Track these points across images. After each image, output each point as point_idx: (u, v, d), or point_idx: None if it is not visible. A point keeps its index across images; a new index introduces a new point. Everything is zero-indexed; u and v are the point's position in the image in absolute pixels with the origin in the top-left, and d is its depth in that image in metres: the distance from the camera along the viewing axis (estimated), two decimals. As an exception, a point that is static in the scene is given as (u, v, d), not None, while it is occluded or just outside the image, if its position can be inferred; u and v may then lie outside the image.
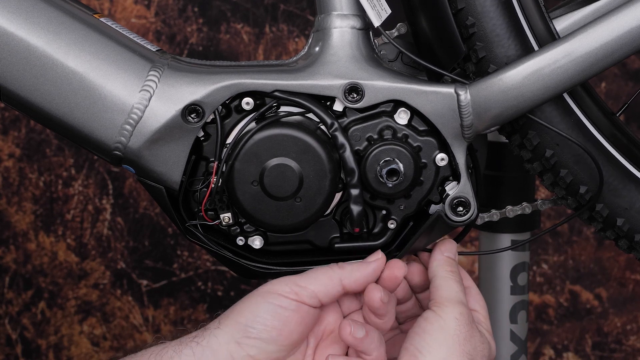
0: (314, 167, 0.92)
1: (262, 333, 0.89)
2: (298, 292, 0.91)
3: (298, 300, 0.90)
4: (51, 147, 1.73)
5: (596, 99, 0.98)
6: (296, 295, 0.90)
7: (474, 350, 0.89)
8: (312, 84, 0.93)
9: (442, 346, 0.88)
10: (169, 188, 0.94)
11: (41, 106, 0.92)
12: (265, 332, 0.89)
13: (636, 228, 0.98)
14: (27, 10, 0.91)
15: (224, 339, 0.89)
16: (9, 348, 1.78)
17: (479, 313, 0.95)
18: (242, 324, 0.89)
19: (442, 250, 0.96)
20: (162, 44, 1.72)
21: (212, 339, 0.89)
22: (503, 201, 1.22)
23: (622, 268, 1.79)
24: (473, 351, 0.89)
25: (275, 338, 0.89)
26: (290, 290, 0.90)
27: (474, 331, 0.90)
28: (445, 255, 0.95)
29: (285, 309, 0.90)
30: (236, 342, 0.89)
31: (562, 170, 0.96)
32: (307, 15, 1.72)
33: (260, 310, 0.90)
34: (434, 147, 0.95)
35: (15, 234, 1.75)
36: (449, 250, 0.96)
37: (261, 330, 0.89)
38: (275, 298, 0.90)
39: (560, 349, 1.81)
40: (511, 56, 0.93)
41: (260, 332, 0.89)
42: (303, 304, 0.91)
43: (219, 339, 0.89)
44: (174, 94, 0.93)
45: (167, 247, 1.77)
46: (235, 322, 0.90)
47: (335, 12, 0.95)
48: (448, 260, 0.95)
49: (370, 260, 0.93)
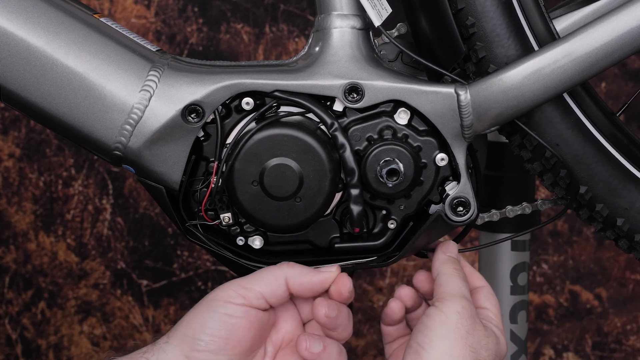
0: (314, 167, 0.92)
1: (210, 345, 0.88)
2: (244, 294, 0.89)
3: (245, 304, 0.89)
4: (51, 147, 1.73)
5: (596, 99, 0.98)
6: (243, 298, 0.89)
7: (477, 343, 0.89)
8: (312, 84, 0.93)
9: (443, 340, 0.88)
10: (169, 188, 0.94)
11: (41, 106, 0.92)
12: (213, 343, 0.88)
13: (636, 228, 0.98)
14: (27, 11, 0.91)
15: (172, 354, 0.88)
16: (9, 348, 1.78)
17: (490, 311, 0.94)
18: (190, 337, 0.88)
19: (444, 250, 0.96)
20: (162, 44, 1.72)
21: (161, 354, 0.88)
22: (503, 201, 1.22)
23: (622, 268, 1.79)
24: (476, 344, 0.89)
25: (224, 347, 0.88)
26: (236, 295, 0.89)
27: (477, 325, 0.90)
28: (447, 255, 0.96)
29: (231, 317, 0.89)
30: (185, 357, 0.88)
31: (562, 170, 0.96)
32: (307, 15, 1.72)
33: (207, 321, 0.88)
34: (434, 147, 0.95)
35: (15, 234, 1.75)
36: (451, 250, 0.96)
37: (209, 342, 0.88)
38: (221, 306, 0.89)
39: (560, 349, 1.81)
40: (511, 56, 0.93)
41: (209, 344, 0.88)
42: (250, 307, 0.89)
43: (167, 354, 0.88)
44: (174, 94, 0.92)
45: (167, 247, 1.77)
46: (183, 336, 0.88)
47: (335, 12, 0.95)
48: (451, 258, 0.95)
49: (323, 270, 0.93)
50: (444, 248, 0.96)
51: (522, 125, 0.94)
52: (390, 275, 1.78)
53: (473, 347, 0.88)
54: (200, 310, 0.89)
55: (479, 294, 0.95)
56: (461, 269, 0.95)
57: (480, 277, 0.97)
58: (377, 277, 1.77)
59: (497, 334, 0.92)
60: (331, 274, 0.92)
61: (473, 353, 0.88)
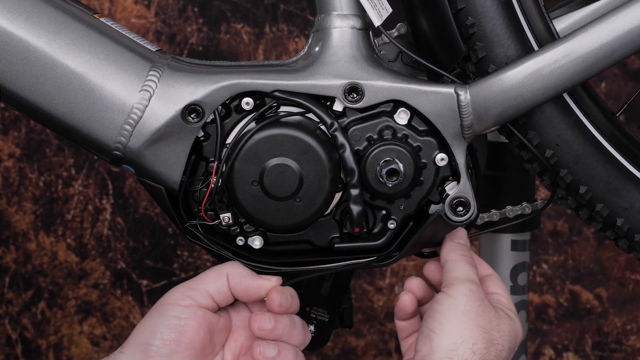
0: (314, 167, 0.92)
1: (161, 349, 0.89)
2: (190, 295, 0.90)
3: (192, 304, 0.90)
4: (51, 147, 1.73)
5: (596, 99, 0.98)
6: (189, 299, 0.90)
7: (488, 324, 0.89)
8: (312, 84, 0.93)
9: (453, 322, 0.88)
10: (169, 188, 0.94)
11: (41, 106, 0.92)
12: (164, 347, 0.89)
13: (636, 228, 0.98)
14: (27, 10, 0.91)
15: None
16: (9, 348, 1.78)
17: (500, 295, 0.95)
18: (142, 344, 0.89)
19: (452, 237, 0.97)
20: (162, 44, 1.72)
21: None
22: (503, 201, 1.22)
23: (622, 268, 1.79)
24: (487, 325, 0.89)
25: (176, 349, 0.89)
26: (182, 296, 0.90)
27: (486, 307, 0.90)
28: (455, 242, 0.96)
29: (179, 318, 0.90)
30: None
31: (562, 170, 0.96)
32: (307, 15, 1.72)
33: (156, 326, 0.89)
34: (434, 147, 0.95)
35: (15, 234, 1.75)
36: (459, 237, 0.97)
37: (160, 346, 0.89)
38: (168, 309, 0.90)
39: (560, 349, 1.81)
40: (511, 56, 0.93)
41: (160, 348, 0.89)
42: (198, 307, 0.90)
43: None
44: (174, 94, 0.92)
45: (167, 247, 1.77)
46: (135, 344, 0.89)
47: (335, 12, 0.95)
48: (458, 245, 0.96)
49: (265, 277, 0.93)
50: (452, 235, 0.97)
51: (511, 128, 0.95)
52: (390, 275, 1.78)
53: (484, 327, 0.89)
54: (150, 317, 0.90)
55: (488, 281, 0.96)
56: (469, 254, 0.96)
57: (487, 266, 0.98)
58: (377, 277, 1.77)
59: (510, 316, 0.93)
60: (268, 283, 0.92)
61: (485, 334, 0.89)
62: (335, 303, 1.04)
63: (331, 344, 1.78)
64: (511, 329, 0.92)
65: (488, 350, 0.88)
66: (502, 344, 0.90)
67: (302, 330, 0.94)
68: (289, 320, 0.93)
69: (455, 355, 0.87)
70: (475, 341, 0.88)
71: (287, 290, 0.93)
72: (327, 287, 1.04)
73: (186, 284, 0.92)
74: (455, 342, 0.88)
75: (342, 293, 1.04)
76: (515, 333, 0.92)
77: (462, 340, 0.88)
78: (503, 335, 0.90)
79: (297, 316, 0.94)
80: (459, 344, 0.88)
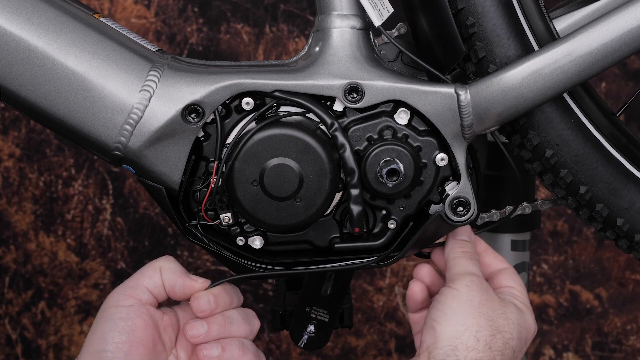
0: (314, 167, 0.92)
1: (116, 353, 0.89)
2: (131, 293, 0.91)
3: (134, 303, 0.90)
4: (51, 147, 1.73)
5: (596, 99, 0.98)
6: (131, 297, 0.91)
7: (492, 312, 0.90)
8: (312, 84, 0.93)
9: (456, 312, 0.89)
10: (169, 188, 0.94)
11: (41, 106, 0.92)
12: (118, 351, 0.89)
13: (636, 228, 0.98)
14: (27, 11, 0.91)
15: None
16: (9, 348, 1.78)
17: (514, 289, 0.95)
18: (96, 352, 0.89)
19: (454, 234, 0.97)
20: (162, 44, 1.72)
21: None
22: (503, 201, 1.22)
23: (622, 268, 1.79)
24: (492, 313, 0.90)
25: (129, 350, 0.89)
26: (124, 296, 0.91)
27: (490, 295, 0.91)
28: (458, 239, 0.97)
29: (126, 319, 0.90)
30: None
31: (562, 170, 0.96)
32: (307, 15, 1.72)
33: (105, 331, 0.90)
34: (434, 147, 0.95)
35: (15, 234, 1.75)
36: (462, 233, 0.97)
37: (114, 351, 0.89)
38: (113, 312, 0.90)
39: (560, 349, 1.81)
40: (511, 56, 0.93)
41: (115, 353, 0.89)
42: (140, 304, 0.91)
43: None
44: (174, 94, 0.92)
45: (167, 247, 1.77)
46: (89, 354, 0.90)
47: (335, 12, 0.95)
48: (460, 242, 0.96)
49: (194, 278, 0.93)
50: (454, 233, 0.97)
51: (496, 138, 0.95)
52: (390, 275, 1.78)
53: (488, 315, 0.89)
54: (97, 324, 0.91)
55: (502, 275, 0.96)
56: (471, 250, 0.96)
57: (502, 259, 0.99)
58: (377, 277, 1.77)
59: (522, 308, 0.93)
60: (196, 284, 0.93)
61: (489, 321, 0.89)
62: (335, 303, 1.04)
63: (331, 344, 1.78)
64: (520, 318, 0.92)
65: (494, 337, 0.88)
66: (510, 332, 0.90)
67: (243, 322, 0.94)
68: (223, 318, 0.93)
69: (459, 343, 0.88)
70: (479, 328, 0.88)
71: (209, 294, 0.93)
72: (328, 287, 1.04)
73: (125, 284, 0.92)
74: (458, 330, 0.88)
75: (342, 293, 1.05)
76: (526, 324, 0.92)
77: (465, 328, 0.88)
78: (510, 322, 0.90)
79: (233, 310, 0.94)
80: (462, 331, 0.88)
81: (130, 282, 0.92)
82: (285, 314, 1.07)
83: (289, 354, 1.79)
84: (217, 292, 0.93)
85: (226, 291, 0.94)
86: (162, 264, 0.93)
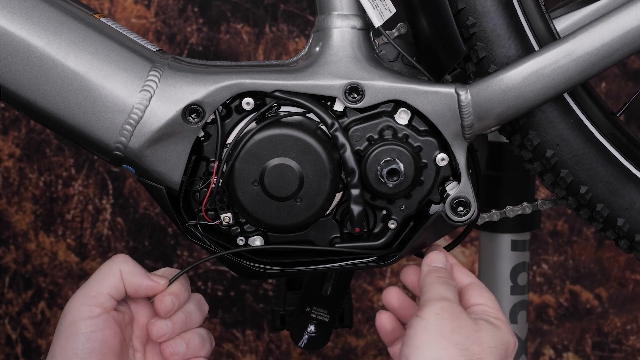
0: (315, 167, 0.92)
1: None
2: (95, 303, 0.90)
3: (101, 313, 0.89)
4: (51, 147, 1.73)
5: (596, 99, 0.98)
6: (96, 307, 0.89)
7: (466, 340, 0.86)
8: (313, 84, 0.93)
9: (428, 345, 0.85)
10: (169, 188, 0.94)
11: (41, 106, 0.92)
12: None
13: (636, 228, 0.98)
14: (27, 10, 0.91)
15: None
16: (9, 348, 1.78)
17: (484, 305, 0.91)
18: None
19: (427, 262, 0.93)
20: (162, 44, 1.72)
21: None
22: (503, 201, 1.22)
23: (622, 268, 1.79)
24: (465, 341, 0.86)
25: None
26: (88, 307, 0.90)
27: (463, 321, 0.87)
28: (432, 266, 0.93)
29: (95, 332, 0.89)
30: None
31: (563, 170, 0.96)
32: (307, 15, 1.72)
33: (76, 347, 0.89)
34: (435, 147, 0.95)
35: (15, 234, 1.75)
36: (435, 260, 0.93)
37: None
38: (81, 327, 0.89)
39: (560, 349, 1.81)
40: (512, 56, 0.93)
41: None
42: (106, 313, 0.90)
43: None
44: (175, 94, 0.92)
45: (167, 247, 1.77)
46: None
47: (335, 12, 0.95)
48: (434, 268, 0.92)
49: (155, 278, 0.93)
50: (427, 260, 0.94)
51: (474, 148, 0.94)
52: (390, 275, 1.78)
53: (461, 344, 0.86)
54: (65, 339, 0.89)
55: (470, 291, 0.92)
56: (446, 275, 0.92)
57: (467, 273, 0.95)
58: (377, 277, 1.77)
59: (496, 324, 0.89)
60: (159, 286, 0.92)
61: (462, 350, 0.85)
62: (335, 303, 1.04)
63: (331, 344, 1.78)
64: (496, 339, 0.88)
65: None
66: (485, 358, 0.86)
67: (198, 312, 0.94)
68: (184, 315, 0.93)
69: None
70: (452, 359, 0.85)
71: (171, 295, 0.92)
72: (328, 287, 1.04)
73: (85, 293, 0.91)
74: None
75: (343, 293, 1.05)
76: (503, 342, 0.88)
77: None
78: (485, 347, 0.87)
79: (189, 304, 0.94)
80: None
81: (91, 290, 0.91)
82: (285, 314, 1.07)
83: (289, 354, 1.79)
84: (177, 290, 0.93)
85: (184, 286, 0.94)
86: (122, 266, 0.92)
